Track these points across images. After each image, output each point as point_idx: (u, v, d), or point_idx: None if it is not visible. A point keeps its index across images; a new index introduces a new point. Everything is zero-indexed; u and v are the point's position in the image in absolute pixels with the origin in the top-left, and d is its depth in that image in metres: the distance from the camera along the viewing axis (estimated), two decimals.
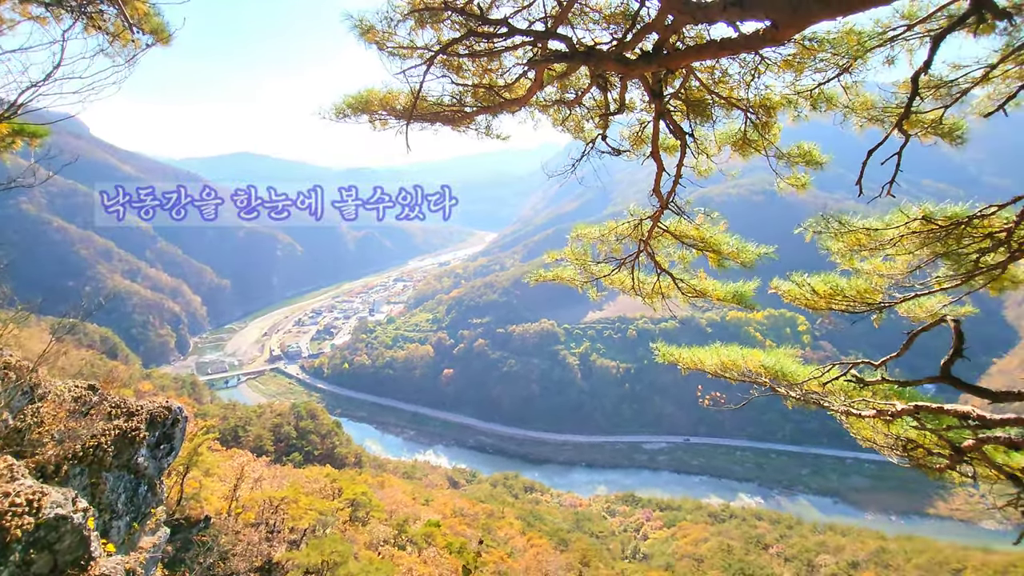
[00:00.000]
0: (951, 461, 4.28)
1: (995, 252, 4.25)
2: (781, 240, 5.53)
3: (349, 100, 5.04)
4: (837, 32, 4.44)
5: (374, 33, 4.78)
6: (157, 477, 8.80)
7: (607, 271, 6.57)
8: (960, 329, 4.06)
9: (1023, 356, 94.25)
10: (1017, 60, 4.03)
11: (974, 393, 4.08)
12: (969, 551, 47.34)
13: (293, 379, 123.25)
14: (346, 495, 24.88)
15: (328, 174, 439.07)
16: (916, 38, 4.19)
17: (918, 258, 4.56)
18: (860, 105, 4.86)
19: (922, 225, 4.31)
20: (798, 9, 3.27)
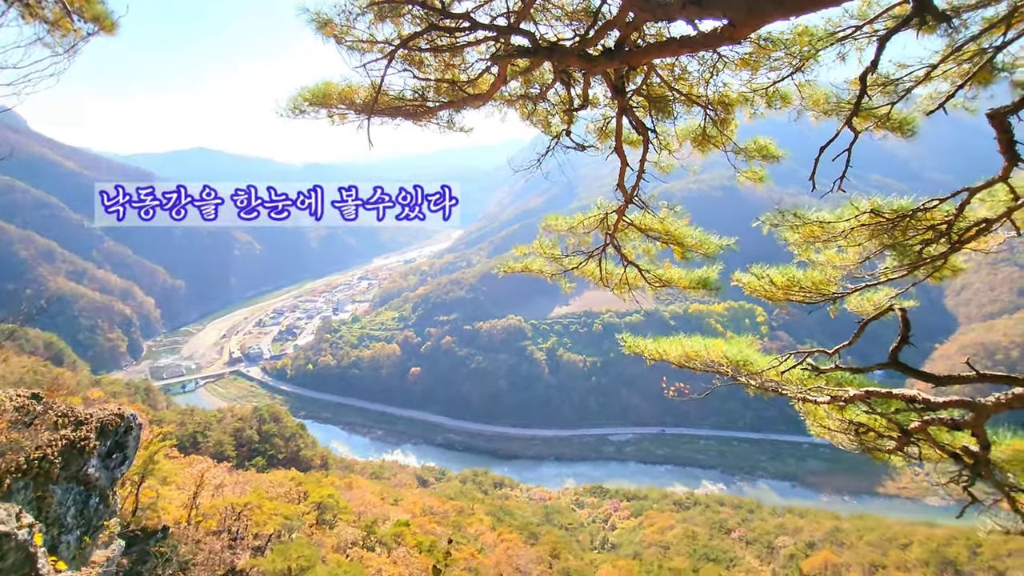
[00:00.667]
0: (899, 443, 4.51)
1: (937, 243, 4.48)
2: (740, 234, 5.69)
3: (306, 94, 4.90)
4: (791, 32, 4.59)
5: (332, 27, 4.66)
6: (110, 488, 8.40)
7: (576, 263, 6.62)
8: (906, 317, 4.26)
9: (962, 342, 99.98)
10: (956, 60, 4.25)
11: (919, 378, 4.30)
12: (916, 526, 50.13)
13: (255, 382, 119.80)
14: (312, 498, 24.38)
15: (288, 170, 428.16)
16: (864, 38, 4.37)
17: (868, 249, 4.76)
18: (813, 102, 5.04)
19: (871, 218, 4.51)
20: (753, 9, 3.36)
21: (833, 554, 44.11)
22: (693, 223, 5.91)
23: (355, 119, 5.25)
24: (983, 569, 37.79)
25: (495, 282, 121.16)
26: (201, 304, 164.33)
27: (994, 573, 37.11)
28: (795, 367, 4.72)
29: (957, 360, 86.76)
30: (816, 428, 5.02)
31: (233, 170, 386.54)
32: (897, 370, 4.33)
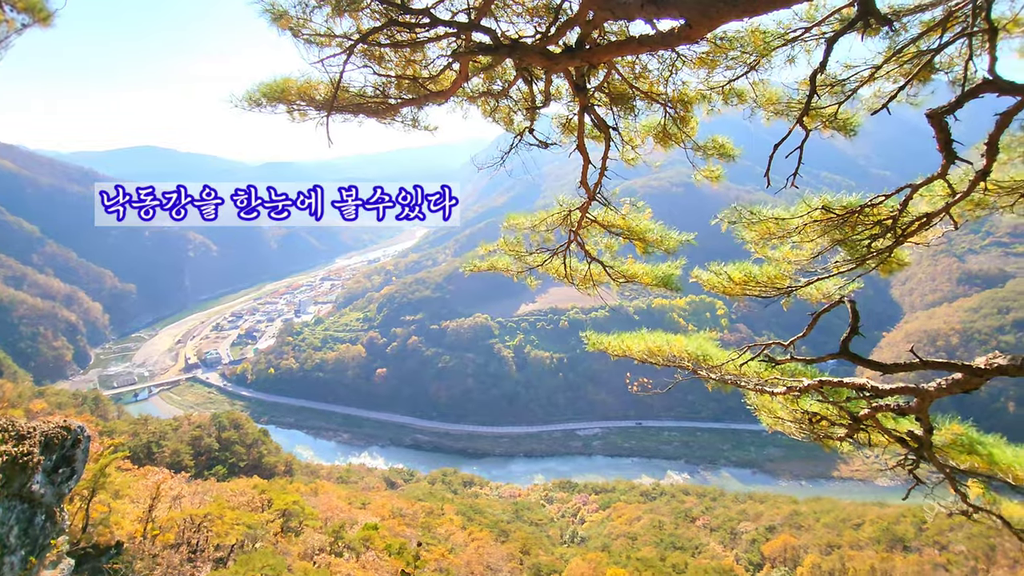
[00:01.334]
0: (850, 430, 4.71)
1: (883, 238, 4.70)
2: (700, 229, 5.83)
3: (264, 88, 4.73)
4: (745, 32, 4.72)
5: (288, 19, 4.51)
6: (57, 504, 7.96)
7: (541, 260, 6.65)
8: (856, 308, 4.45)
9: (907, 330, 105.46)
10: (898, 61, 4.46)
11: (868, 366, 4.50)
12: (867, 507, 52.67)
13: (213, 388, 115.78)
14: (276, 506, 23.77)
15: (244, 169, 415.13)
16: (813, 39, 4.53)
17: (820, 245, 4.95)
18: (767, 100, 5.20)
19: (822, 214, 4.68)
20: (708, 9, 3.43)
21: (792, 537, 45.92)
22: (655, 219, 6.02)
23: (316, 116, 5.11)
24: (929, 544, 40.04)
25: (461, 281, 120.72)
26: (153, 309, 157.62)
27: (939, 547, 39.36)
28: (752, 360, 4.87)
29: (903, 347, 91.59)
30: (768, 420, 5.19)
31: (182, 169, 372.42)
32: (848, 359, 4.51)
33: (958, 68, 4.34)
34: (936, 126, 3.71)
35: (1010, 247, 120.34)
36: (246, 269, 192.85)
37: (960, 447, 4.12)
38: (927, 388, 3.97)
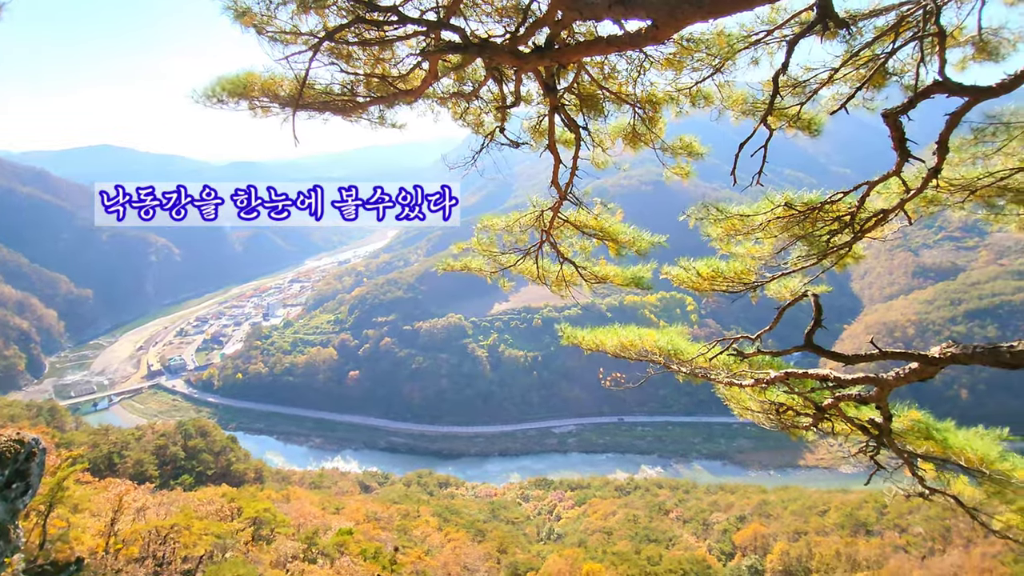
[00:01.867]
0: (814, 419, 4.87)
1: (842, 233, 4.87)
2: (668, 226, 5.93)
3: (225, 83, 4.59)
4: (710, 34, 4.82)
5: (251, 16, 4.40)
6: (11, 521, 7.60)
7: (514, 260, 6.66)
8: (819, 302, 4.60)
9: (867, 322, 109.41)
10: (854, 64, 4.62)
11: (831, 358, 4.66)
12: (832, 494, 54.52)
13: (178, 395, 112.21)
14: (247, 514, 23.21)
15: (208, 169, 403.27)
16: (775, 42, 4.66)
17: (783, 240, 5.10)
18: (732, 101, 5.33)
19: (785, 211, 4.83)
20: (675, 11, 3.50)
21: (761, 525, 47.20)
22: (625, 218, 6.10)
23: (280, 112, 5.00)
24: (889, 528, 41.70)
25: (434, 281, 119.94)
26: (112, 315, 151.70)
27: (899, 530, 41.04)
28: (721, 353, 4.98)
29: (863, 339, 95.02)
30: (739, 410, 5.34)
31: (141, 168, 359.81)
32: (812, 351, 4.67)
33: (910, 72, 4.53)
34: (891, 125, 3.87)
35: (961, 241, 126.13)
36: (211, 272, 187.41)
37: (917, 433, 4.31)
38: (886, 378, 4.14)
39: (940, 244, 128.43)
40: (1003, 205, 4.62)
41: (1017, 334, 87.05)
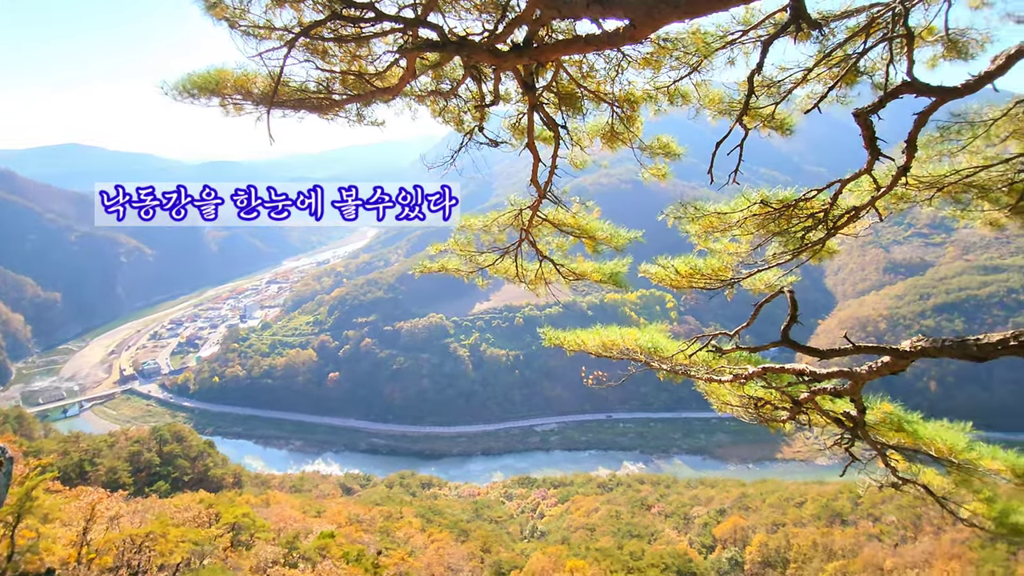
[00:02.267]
0: (791, 413, 4.96)
1: (816, 230, 4.97)
2: (647, 225, 5.98)
3: (196, 79, 4.48)
4: (687, 34, 4.87)
5: (223, 9, 4.30)
6: None
7: (492, 260, 6.64)
8: (794, 298, 4.68)
9: (841, 317, 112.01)
10: (827, 64, 4.71)
11: (807, 353, 4.75)
12: (808, 486, 55.76)
13: (152, 400, 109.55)
14: (225, 520, 22.80)
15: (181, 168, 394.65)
16: (750, 42, 4.72)
17: (759, 237, 5.18)
18: (709, 101, 5.39)
19: (760, 208, 4.90)
20: (652, 10, 3.51)
21: (741, 518, 48.04)
22: (604, 216, 6.13)
23: (254, 110, 4.90)
24: (864, 517, 42.83)
25: (415, 281, 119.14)
26: (82, 319, 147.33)
27: (872, 519, 42.16)
28: (701, 350, 5.04)
29: (837, 334, 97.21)
30: (719, 405, 5.41)
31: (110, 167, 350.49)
32: (788, 346, 4.75)
33: (880, 72, 4.64)
34: (862, 124, 3.95)
35: (929, 238, 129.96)
36: (185, 274, 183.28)
37: (889, 425, 4.42)
38: (859, 371, 4.23)
39: (909, 240, 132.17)
40: (969, 201, 4.76)
41: (983, 327, 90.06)
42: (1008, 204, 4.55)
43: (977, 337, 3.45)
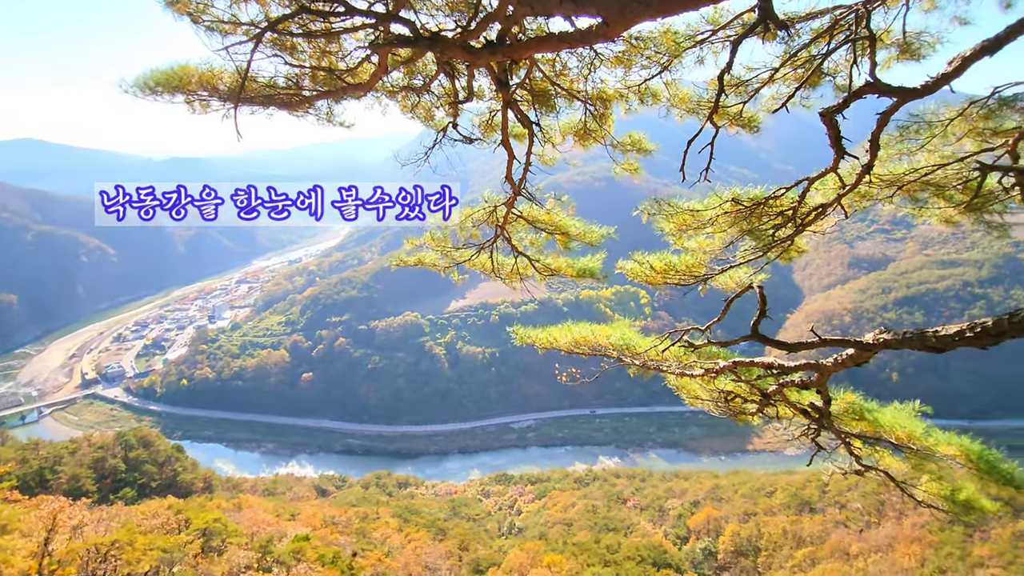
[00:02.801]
0: (761, 405, 5.09)
1: (785, 227, 5.09)
2: (622, 222, 6.04)
3: (159, 75, 4.33)
4: (658, 33, 4.92)
5: (185, 4, 4.16)
6: None
7: (468, 255, 6.62)
8: (763, 294, 4.80)
9: (808, 311, 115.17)
10: (793, 65, 4.83)
11: (775, 346, 4.87)
12: (778, 476, 57.27)
13: (116, 404, 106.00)
14: (195, 526, 22.24)
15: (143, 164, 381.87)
16: (719, 42, 4.80)
17: (730, 235, 5.29)
18: (679, 99, 5.46)
19: (732, 206, 5.00)
20: (624, 9, 3.54)
21: (714, 509, 49.09)
22: (578, 213, 6.17)
23: (221, 107, 4.76)
24: (831, 505, 44.22)
25: (389, 279, 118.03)
26: (41, 321, 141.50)
27: (839, 506, 43.57)
28: (673, 345, 5.12)
29: (804, 328, 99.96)
30: (689, 399, 5.52)
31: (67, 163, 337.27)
32: (758, 340, 4.87)
33: (844, 73, 4.77)
34: (828, 124, 4.06)
35: (891, 234, 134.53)
36: (150, 274, 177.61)
37: (853, 415, 4.57)
38: (825, 364, 4.36)
39: (872, 236, 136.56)
40: (926, 199, 4.95)
41: (941, 320, 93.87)
42: (962, 201, 4.74)
43: (935, 329, 3.58)
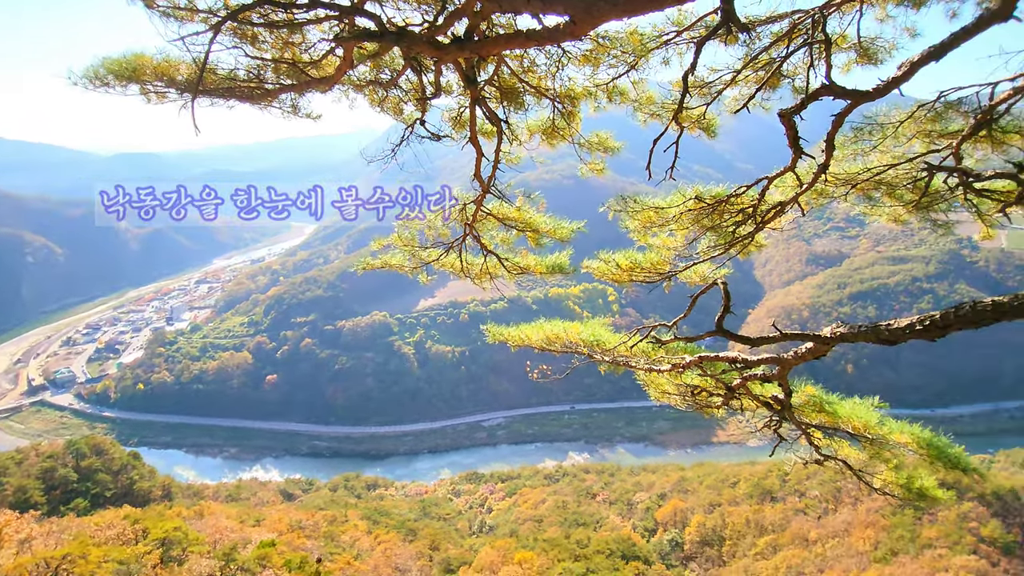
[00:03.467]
0: (725, 398, 5.22)
1: (746, 224, 5.24)
2: (589, 220, 6.10)
3: (111, 65, 4.13)
4: (624, 32, 4.99)
5: None
6: None
7: (436, 255, 6.57)
8: (727, 290, 4.92)
9: (769, 306, 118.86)
10: (753, 67, 4.96)
11: (739, 341, 5.01)
12: (742, 466, 58.98)
13: (67, 411, 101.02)
14: (154, 535, 21.44)
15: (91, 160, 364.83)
16: (684, 43, 4.90)
17: (694, 232, 5.41)
18: (645, 100, 5.55)
19: (695, 204, 5.11)
20: (591, 7, 3.57)
21: (680, 501, 50.24)
22: (548, 211, 6.20)
23: (179, 99, 4.57)
24: (791, 493, 45.81)
25: (356, 278, 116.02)
26: None
27: (799, 495, 45.19)
28: (641, 341, 5.21)
29: (766, 322, 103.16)
30: (656, 394, 5.63)
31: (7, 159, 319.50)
32: (722, 336, 4.99)
33: (802, 75, 4.93)
34: (786, 124, 4.19)
35: (845, 231, 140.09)
36: (102, 275, 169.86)
37: (812, 406, 4.74)
38: (786, 357, 4.50)
39: (828, 234, 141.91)
40: (879, 198, 5.17)
41: (892, 314, 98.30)
42: (912, 201, 4.97)
43: (888, 323, 3.75)
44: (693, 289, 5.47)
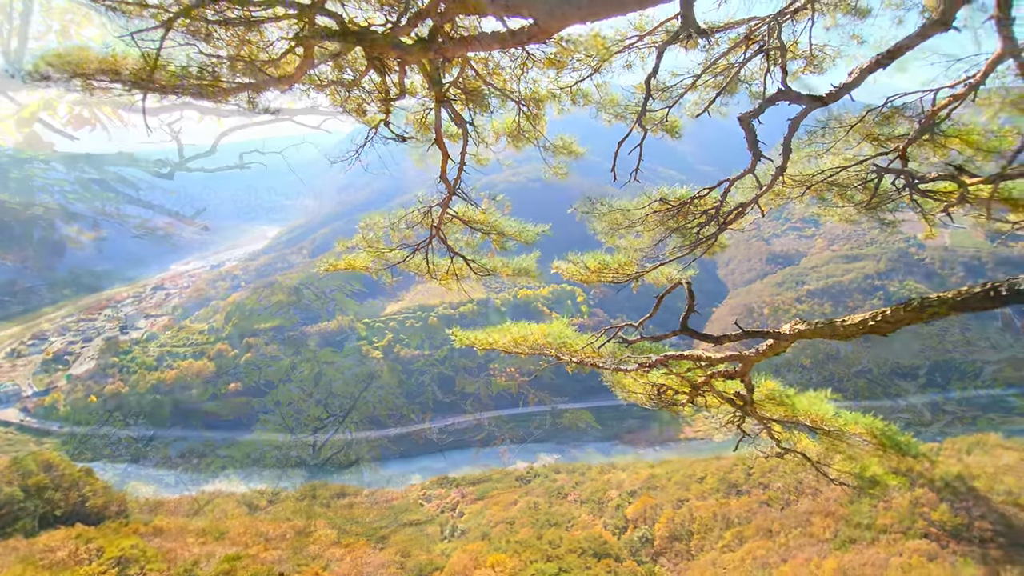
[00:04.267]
0: (691, 396, 5.32)
1: (709, 225, 5.36)
2: (557, 222, 6.13)
3: (51, 58, 3.92)
4: (588, 36, 5.04)
5: None
6: None
7: (402, 256, 6.49)
8: (691, 289, 5.02)
9: (732, 304, 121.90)
10: (712, 72, 5.09)
11: (703, 339, 5.11)
12: (708, 462, 60.27)
13: (12, 426, 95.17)
14: (109, 554, 20.48)
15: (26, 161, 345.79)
16: (646, 47, 4.98)
17: (659, 233, 5.50)
18: (609, 102, 5.62)
19: (660, 206, 5.20)
20: (554, 11, 3.59)
21: (650, 498, 51.07)
22: (514, 213, 6.20)
23: (125, 93, 4.36)
24: (755, 486, 47.14)
25: (321, 283, 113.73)
26: None
27: (762, 487, 46.54)
28: (608, 342, 5.26)
29: (729, 321, 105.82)
30: (623, 394, 5.71)
31: None
32: (687, 334, 5.08)
33: (758, 81, 5.08)
34: (745, 128, 4.31)
35: (802, 231, 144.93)
36: (47, 282, 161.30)
37: (773, 401, 4.88)
38: (748, 355, 4.62)
39: (786, 233, 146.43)
40: (831, 199, 5.37)
41: (846, 310, 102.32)
42: (862, 201, 5.18)
43: (843, 319, 3.89)
44: (660, 289, 5.56)
